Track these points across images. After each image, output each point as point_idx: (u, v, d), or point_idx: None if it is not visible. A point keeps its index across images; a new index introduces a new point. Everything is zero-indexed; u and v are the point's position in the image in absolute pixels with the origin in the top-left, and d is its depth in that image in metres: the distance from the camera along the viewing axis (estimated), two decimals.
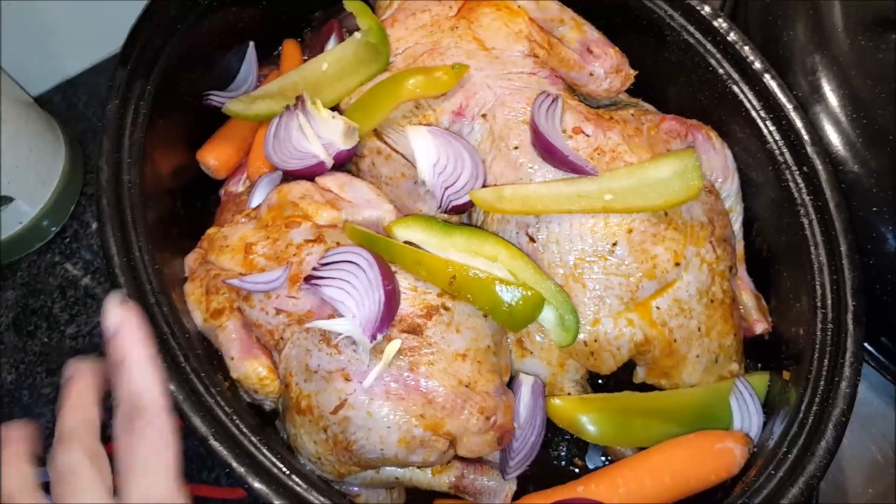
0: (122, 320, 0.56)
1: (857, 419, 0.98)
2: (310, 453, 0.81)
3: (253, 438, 0.76)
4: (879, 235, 0.89)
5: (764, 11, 1.03)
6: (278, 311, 0.81)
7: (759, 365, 0.94)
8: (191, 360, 0.76)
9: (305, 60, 1.05)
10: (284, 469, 0.74)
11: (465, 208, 0.88)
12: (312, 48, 1.07)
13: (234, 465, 0.72)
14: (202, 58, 0.99)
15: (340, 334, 0.77)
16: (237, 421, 0.75)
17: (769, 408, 0.87)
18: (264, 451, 0.75)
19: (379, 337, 0.76)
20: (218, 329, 0.83)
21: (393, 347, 0.77)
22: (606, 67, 0.90)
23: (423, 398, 0.77)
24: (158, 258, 0.82)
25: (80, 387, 0.57)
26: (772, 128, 0.89)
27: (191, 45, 0.95)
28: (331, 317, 0.78)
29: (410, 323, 0.79)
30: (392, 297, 0.78)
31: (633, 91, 0.98)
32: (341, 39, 1.02)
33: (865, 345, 0.97)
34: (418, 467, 0.82)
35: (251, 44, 1.06)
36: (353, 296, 0.77)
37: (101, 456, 0.55)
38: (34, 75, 1.18)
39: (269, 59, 1.11)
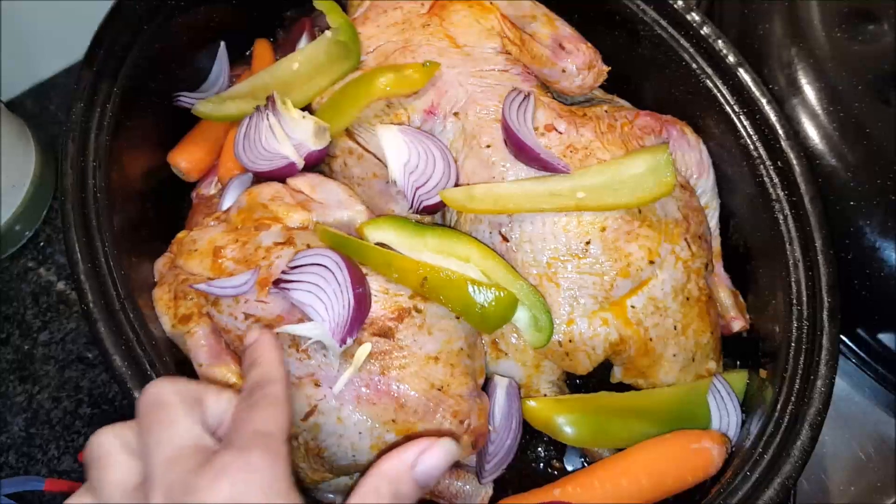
0: (262, 335, 0.65)
1: (839, 416, 0.98)
2: None
3: None
4: (857, 229, 0.88)
5: (740, 5, 1.02)
6: (247, 316, 0.79)
7: (738, 363, 0.93)
8: (157, 367, 0.75)
9: (278, 59, 1.03)
10: None
11: (437, 208, 0.87)
12: (284, 47, 1.06)
13: None
14: (172, 58, 0.98)
15: (310, 339, 0.76)
16: None
17: (748, 406, 0.86)
18: None
19: (349, 341, 0.75)
20: (186, 335, 0.81)
21: (363, 351, 0.76)
22: (579, 63, 0.89)
23: (395, 403, 0.76)
24: (127, 263, 0.81)
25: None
26: (746, 122, 0.88)
27: (159, 45, 0.94)
28: (300, 321, 0.77)
29: (381, 326, 0.78)
30: (362, 301, 0.77)
31: (609, 87, 0.97)
32: (313, 38, 1.01)
33: (846, 341, 0.96)
34: None
35: (222, 43, 1.05)
36: (322, 299, 0.76)
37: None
38: (5, 79, 1.16)
39: (242, 59, 1.09)
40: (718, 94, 0.90)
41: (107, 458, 0.53)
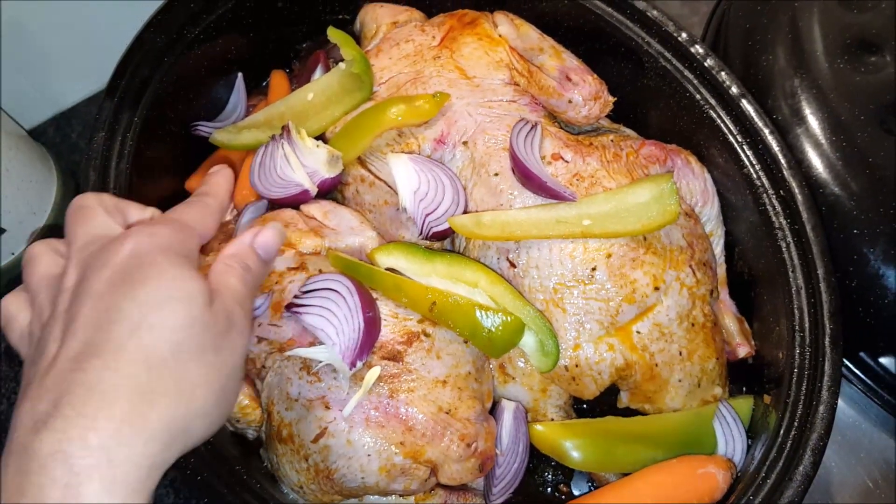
0: (223, 168, 0.73)
1: (846, 442, 0.98)
2: (292, 482, 0.81)
3: (235, 468, 0.77)
4: (861, 257, 0.89)
5: (744, 36, 1.04)
6: (260, 340, 0.81)
7: (744, 388, 0.94)
8: None
9: (293, 90, 1.06)
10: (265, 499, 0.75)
11: (446, 235, 0.88)
12: (300, 78, 1.09)
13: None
14: (190, 88, 1.01)
15: (321, 362, 0.78)
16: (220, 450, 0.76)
17: (753, 432, 0.87)
18: (245, 480, 0.76)
19: (359, 364, 0.77)
20: None
21: (373, 375, 0.77)
22: (585, 94, 0.91)
23: (403, 425, 0.77)
24: None
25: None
26: (749, 152, 0.90)
27: (179, 75, 0.97)
28: (311, 344, 0.79)
29: (390, 350, 0.80)
30: (372, 325, 0.78)
31: (615, 116, 0.99)
32: (327, 69, 1.03)
33: (850, 366, 0.97)
34: (401, 495, 0.82)
35: (239, 74, 1.08)
36: (333, 323, 0.77)
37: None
38: (28, 107, 1.20)
39: (258, 90, 1.12)
40: (722, 125, 0.91)
41: (36, 258, 0.59)
